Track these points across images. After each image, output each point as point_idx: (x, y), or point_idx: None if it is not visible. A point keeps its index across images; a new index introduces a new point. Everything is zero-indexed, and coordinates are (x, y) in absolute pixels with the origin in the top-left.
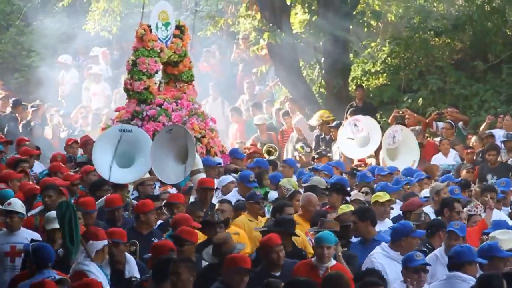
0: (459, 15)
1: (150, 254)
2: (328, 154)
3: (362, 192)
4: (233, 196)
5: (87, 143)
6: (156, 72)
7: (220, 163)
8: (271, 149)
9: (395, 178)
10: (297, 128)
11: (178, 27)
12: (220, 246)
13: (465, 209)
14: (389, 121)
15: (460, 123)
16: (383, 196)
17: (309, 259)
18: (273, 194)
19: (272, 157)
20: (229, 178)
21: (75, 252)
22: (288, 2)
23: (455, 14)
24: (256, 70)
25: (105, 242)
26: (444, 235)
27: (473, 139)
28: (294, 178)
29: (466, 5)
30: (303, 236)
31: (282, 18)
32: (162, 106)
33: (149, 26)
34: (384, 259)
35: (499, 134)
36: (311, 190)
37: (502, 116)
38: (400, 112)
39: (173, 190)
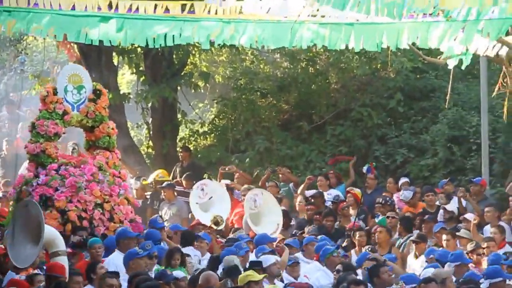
0: (285, 76)
1: None
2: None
3: None
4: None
5: None
6: (57, 135)
7: (139, 235)
8: (218, 220)
9: None
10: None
11: (94, 91)
12: None
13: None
14: (217, 180)
15: (291, 184)
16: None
17: None
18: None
19: (219, 228)
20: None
21: None
22: (115, 62)
23: (280, 76)
24: None
25: None
26: None
27: (299, 199)
28: None
29: (291, 67)
30: None
31: (109, 79)
32: (59, 172)
33: (55, 89)
34: None
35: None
36: (233, 272)
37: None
38: (227, 168)
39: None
